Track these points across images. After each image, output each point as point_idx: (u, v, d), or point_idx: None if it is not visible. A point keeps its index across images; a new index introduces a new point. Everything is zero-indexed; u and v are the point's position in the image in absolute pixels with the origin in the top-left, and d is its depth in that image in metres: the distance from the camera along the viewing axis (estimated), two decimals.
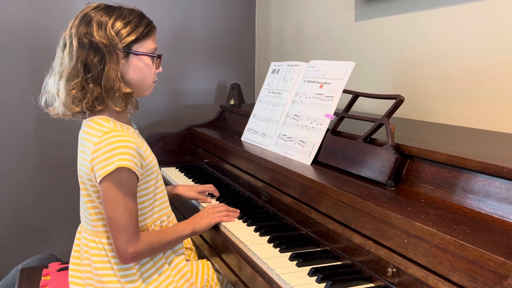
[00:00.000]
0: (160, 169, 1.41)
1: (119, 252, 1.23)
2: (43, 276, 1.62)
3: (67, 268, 1.58)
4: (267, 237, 1.32)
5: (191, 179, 2.00)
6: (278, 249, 1.24)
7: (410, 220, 0.94)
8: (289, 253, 1.21)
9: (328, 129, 1.45)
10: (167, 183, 2.01)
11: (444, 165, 1.08)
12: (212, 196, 1.70)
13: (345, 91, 1.46)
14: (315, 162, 1.44)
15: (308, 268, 1.13)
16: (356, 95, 1.44)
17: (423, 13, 1.74)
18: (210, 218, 1.45)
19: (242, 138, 1.89)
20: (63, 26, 1.31)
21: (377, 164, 1.22)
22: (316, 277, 1.08)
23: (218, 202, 1.65)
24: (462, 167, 1.03)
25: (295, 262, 1.16)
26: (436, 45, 1.70)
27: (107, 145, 1.20)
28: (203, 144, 2.21)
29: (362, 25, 2.06)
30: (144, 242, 1.25)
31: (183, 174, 2.10)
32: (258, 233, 1.36)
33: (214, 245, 1.44)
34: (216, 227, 1.46)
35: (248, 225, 1.43)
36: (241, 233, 1.36)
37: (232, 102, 2.58)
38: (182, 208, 1.78)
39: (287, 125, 1.63)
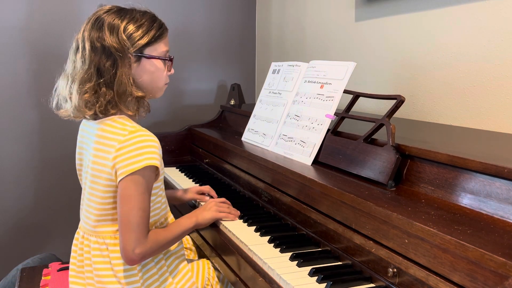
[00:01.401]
0: None
1: (125, 252, 1.20)
2: (44, 276, 1.62)
3: (67, 268, 1.58)
4: (267, 237, 1.32)
5: (191, 179, 2.00)
6: (279, 249, 1.24)
7: (411, 220, 0.94)
8: (290, 253, 1.21)
9: (328, 129, 1.45)
10: (167, 183, 2.01)
11: (445, 165, 1.08)
12: (210, 197, 1.70)
13: (345, 91, 1.46)
14: (316, 162, 1.44)
15: (308, 268, 1.13)
16: (356, 96, 1.44)
17: (424, 14, 1.74)
18: (214, 211, 1.45)
19: (243, 138, 1.89)
20: (66, 26, 1.31)
21: (377, 164, 1.22)
22: (316, 277, 1.08)
23: None
24: (463, 168, 1.03)
25: (296, 262, 1.16)
26: (437, 45, 1.70)
27: (135, 143, 1.21)
28: (203, 144, 2.21)
29: (362, 25, 2.06)
30: (151, 241, 1.23)
31: (183, 174, 2.10)
32: (258, 233, 1.36)
33: (214, 245, 1.44)
34: (216, 227, 1.46)
35: (249, 225, 1.43)
36: (242, 233, 1.36)
37: (232, 102, 2.58)
38: (182, 207, 1.78)
39: (287, 125, 1.63)
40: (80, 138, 1.36)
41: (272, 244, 1.28)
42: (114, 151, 1.22)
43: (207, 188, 1.70)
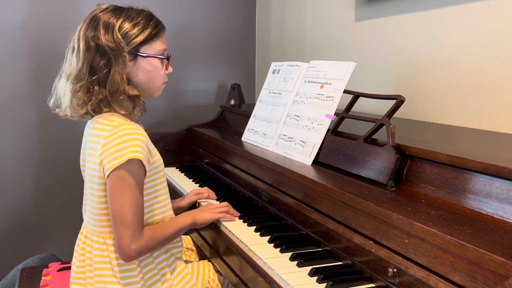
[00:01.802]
0: None
1: (121, 248, 1.20)
2: (44, 276, 1.62)
3: (67, 268, 1.58)
4: (267, 237, 1.32)
5: (191, 179, 2.00)
6: (279, 249, 1.24)
7: (411, 220, 0.94)
8: (290, 253, 1.21)
9: (328, 129, 1.45)
10: (167, 183, 2.01)
11: (445, 165, 1.08)
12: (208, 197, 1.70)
13: (345, 91, 1.46)
14: (316, 162, 1.44)
15: (308, 268, 1.13)
16: (356, 95, 1.44)
17: (424, 13, 1.74)
18: (213, 212, 1.44)
19: (243, 138, 1.89)
20: (66, 26, 1.32)
21: (377, 164, 1.22)
22: (316, 277, 1.08)
23: (218, 202, 1.65)
24: (463, 168, 1.03)
25: (296, 262, 1.16)
26: (437, 45, 1.70)
27: (118, 137, 1.20)
28: (203, 144, 2.21)
29: (362, 25, 2.06)
30: (147, 237, 1.22)
31: (183, 174, 2.10)
32: (258, 233, 1.36)
33: (214, 246, 1.44)
34: (216, 228, 1.46)
35: (249, 225, 1.43)
36: (242, 233, 1.36)
37: (232, 102, 2.58)
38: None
39: (287, 125, 1.63)
40: (83, 138, 1.37)
41: (272, 244, 1.28)
42: (100, 147, 1.22)
43: (205, 190, 1.70)
